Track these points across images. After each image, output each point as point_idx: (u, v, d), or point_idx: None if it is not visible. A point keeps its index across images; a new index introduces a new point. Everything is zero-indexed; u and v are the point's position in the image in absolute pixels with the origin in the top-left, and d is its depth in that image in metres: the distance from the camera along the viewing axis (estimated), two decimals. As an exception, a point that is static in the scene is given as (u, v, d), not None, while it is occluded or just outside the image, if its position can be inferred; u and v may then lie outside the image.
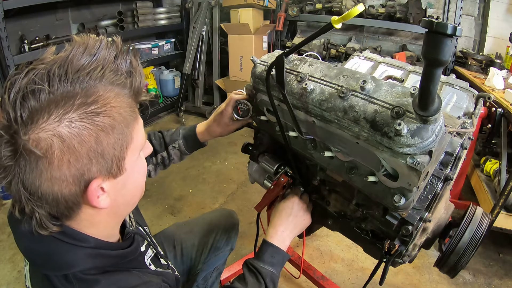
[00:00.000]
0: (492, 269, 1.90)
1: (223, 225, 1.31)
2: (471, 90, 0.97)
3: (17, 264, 1.92)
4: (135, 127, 0.56)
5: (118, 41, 0.53)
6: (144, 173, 0.64)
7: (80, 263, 0.56)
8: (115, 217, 0.63)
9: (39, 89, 0.45)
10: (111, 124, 0.50)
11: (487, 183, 2.06)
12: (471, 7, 3.05)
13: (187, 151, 1.12)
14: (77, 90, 0.47)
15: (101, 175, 0.52)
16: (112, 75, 0.51)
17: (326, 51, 3.52)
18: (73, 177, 0.49)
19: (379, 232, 0.89)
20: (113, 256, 0.62)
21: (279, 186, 1.02)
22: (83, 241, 0.57)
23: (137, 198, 0.65)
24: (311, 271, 1.63)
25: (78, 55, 0.48)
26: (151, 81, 4.00)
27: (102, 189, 0.53)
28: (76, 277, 0.56)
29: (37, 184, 0.48)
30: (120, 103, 0.52)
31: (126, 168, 0.55)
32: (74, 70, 0.48)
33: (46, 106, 0.46)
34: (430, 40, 0.51)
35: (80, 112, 0.47)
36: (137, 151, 0.58)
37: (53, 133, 0.46)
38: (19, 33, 2.86)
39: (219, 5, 3.74)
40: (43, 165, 0.47)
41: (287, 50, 0.82)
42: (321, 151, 0.86)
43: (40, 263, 0.58)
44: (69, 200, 0.52)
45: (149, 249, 0.78)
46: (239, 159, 3.03)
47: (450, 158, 0.80)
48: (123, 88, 0.53)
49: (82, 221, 0.57)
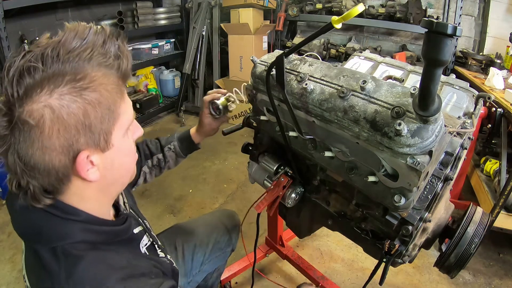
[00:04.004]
0: (492, 269, 1.90)
1: (224, 226, 1.31)
2: (471, 90, 0.97)
3: (17, 264, 1.92)
4: (121, 105, 0.60)
5: (106, 28, 0.58)
6: (133, 155, 0.67)
7: (70, 235, 0.59)
8: (105, 195, 0.65)
9: (34, 68, 0.50)
10: (98, 99, 0.55)
11: (487, 183, 2.06)
12: (471, 7, 3.05)
13: (182, 153, 1.17)
14: (67, 69, 0.52)
15: (88, 147, 0.56)
16: (100, 57, 0.56)
17: (326, 51, 3.52)
18: (62, 147, 0.53)
19: (379, 232, 0.89)
20: (104, 231, 0.63)
21: (279, 186, 1.02)
22: (74, 214, 0.60)
23: (126, 179, 0.68)
24: (311, 271, 1.63)
25: (70, 39, 0.54)
26: (151, 81, 4.00)
27: (91, 162, 0.57)
28: (63, 251, 0.58)
29: (30, 153, 0.53)
30: (107, 81, 0.56)
31: (113, 143, 0.59)
32: (65, 52, 0.53)
33: (40, 82, 0.51)
34: (430, 40, 0.51)
35: (69, 86, 0.52)
36: (123, 128, 0.61)
37: (45, 104, 0.51)
38: (19, 33, 2.87)
39: (219, 5, 3.74)
40: (35, 134, 0.51)
41: (287, 50, 0.82)
42: (321, 151, 0.86)
43: (31, 238, 0.61)
44: (59, 171, 0.56)
45: (145, 236, 0.78)
46: (239, 159, 3.03)
47: (450, 158, 0.80)
48: (111, 69, 0.57)
49: (73, 196, 0.60)
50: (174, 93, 4.18)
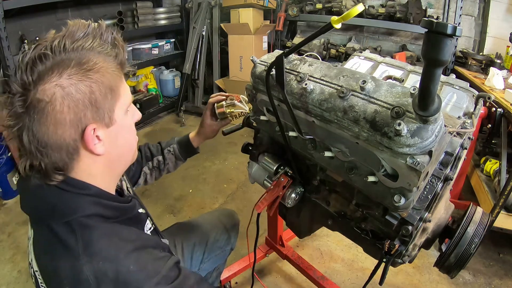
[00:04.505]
0: (492, 269, 1.90)
1: (224, 225, 1.32)
2: (471, 90, 0.97)
3: (17, 264, 1.92)
4: (121, 86, 0.67)
5: (102, 23, 0.66)
6: (133, 133, 0.74)
7: (82, 209, 0.63)
8: (110, 172, 0.70)
9: (45, 55, 0.58)
10: (101, 79, 0.62)
11: (487, 183, 2.06)
12: (471, 7, 3.04)
13: (181, 156, 1.20)
14: (73, 56, 0.60)
15: (94, 121, 0.62)
16: (100, 47, 0.64)
17: (326, 51, 3.52)
18: (71, 122, 0.60)
19: (379, 232, 0.89)
20: (113, 207, 0.68)
21: (279, 186, 1.02)
22: (85, 188, 0.65)
23: (128, 157, 0.74)
24: (311, 271, 1.63)
25: (73, 32, 0.62)
26: (151, 81, 4.00)
27: (98, 137, 0.64)
28: (78, 223, 0.61)
29: (43, 130, 0.59)
30: (107, 65, 0.64)
31: (116, 120, 0.66)
32: (70, 43, 0.60)
33: (50, 68, 0.58)
34: (430, 40, 0.51)
35: (76, 69, 0.60)
36: (124, 107, 0.69)
37: (56, 83, 0.58)
38: (19, 33, 2.87)
39: (219, 5, 3.74)
40: (48, 110, 0.58)
41: (287, 50, 0.82)
42: (321, 151, 0.86)
43: (44, 215, 0.64)
44: (70, 145, 0.62)
45: (148, 221, 0.82)
46: (239, 159, 3.03)
47: (450, 158, 0.80)
48: (109, 56, 0.65)
49: (82, 173, 0.66)
50: (174, 93, 4.18)
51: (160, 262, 0.65)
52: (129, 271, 0.59)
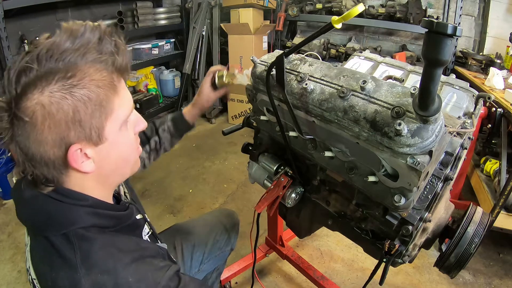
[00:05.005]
0: (492, 269, 1.90)
1: (223, 225, 1.31)
2: (471, 90, 0.97)
3: (17, 264, 1.92)
4: (115, 100, 0.61)
5: (102, 24, 0.60)
6: (132, 145, 0.68)
7: (80, 220, 0.61)
8: (104, 185, 0.68)
9: (29, 68, 0.54)
10: (88, 96, 0.57)
11: (487, 183, 2.06)
12: (471, 7, 3.04)
13: (176, 134, 1.16)
14: (60, 67, 0.55)
15: (79, 141, 0.58)
16: (95, 53, 0.58)
17: (326, 51, 3.52)
18: (54, 141, 0.57)
19: (379, 232, 0.89)
20: (110, 216, 0.66)
21: (279, 186, 1.02)
22: (81, 199, 0.63)
23: (125, 170, 0.70)
24: (311, 271, 1.63)
25: (64, 39, 0.57)
26: (151, 81, 3.99)
27: (85, 155, 0.60)
28: (76, 235, 0.60)
29: (27, 145, 0.57)
30: (99, 77, 0.58)
31: (107, 137, 0.61)
32: (58, 52, 0.56)
33: (33, 81, 0.54)
34: (430, 40, 0.51)
35: (59, 84, 0.55)
36: (118, 122, 0.63)
37: (37, 101, 0.55)
38: (19, 33, 2.86)
39: (219, 5, 3.74)
40: (29, 128, 0.56)
41: (287, 50, 0.82)
42: (321, 151, 0.86)
43: (41, 226, 0.63)
44: (55, 162, 0.59)
45: (146, 225, 0.80)
46: (239, 159, 3.03)
47: (450, 158, 0.80)
48: (105, 65, 0.59)
49: (74, 186, 0.63)
50: (174, 93, 4.17)
51: (159, 273, 0.63)
52: (128, 283, 0.58)
